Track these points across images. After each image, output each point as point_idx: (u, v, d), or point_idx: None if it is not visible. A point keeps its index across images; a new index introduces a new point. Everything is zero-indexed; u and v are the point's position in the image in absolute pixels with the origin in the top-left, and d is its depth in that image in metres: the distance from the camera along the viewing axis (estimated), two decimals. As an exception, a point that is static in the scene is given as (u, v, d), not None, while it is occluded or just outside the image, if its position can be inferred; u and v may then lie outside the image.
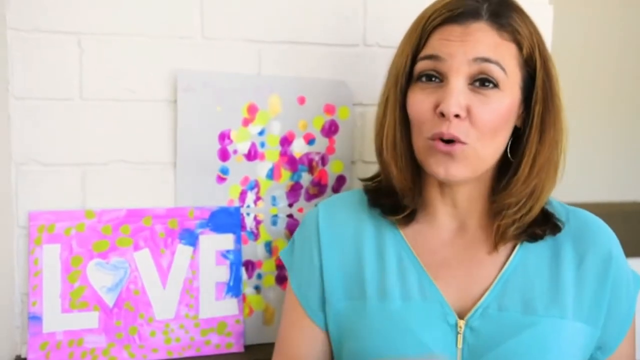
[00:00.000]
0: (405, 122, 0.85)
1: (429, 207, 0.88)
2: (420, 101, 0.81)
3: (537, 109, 0.82)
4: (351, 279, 0.87)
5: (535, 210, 0.84)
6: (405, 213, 0.87)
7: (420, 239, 0.87)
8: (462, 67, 0.78)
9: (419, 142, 0.82)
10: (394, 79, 0.85)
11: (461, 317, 0.82)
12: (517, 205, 0.83)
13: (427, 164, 0.82)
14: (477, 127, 0.79)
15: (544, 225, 0.85)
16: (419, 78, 0.82)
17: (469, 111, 0.78)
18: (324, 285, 0.88)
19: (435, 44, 0.81)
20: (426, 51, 0.81)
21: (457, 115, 0.78)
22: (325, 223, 0.90)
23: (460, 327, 0.81)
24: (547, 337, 0.79)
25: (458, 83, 0.78)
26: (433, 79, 0.81)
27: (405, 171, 0.86)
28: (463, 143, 0.79)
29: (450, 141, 0.79)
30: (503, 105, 0.80)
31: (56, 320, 0.97)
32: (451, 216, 0.88)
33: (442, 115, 0.78)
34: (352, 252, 0.88)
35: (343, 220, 0.90)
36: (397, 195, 0.87)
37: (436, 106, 0.79)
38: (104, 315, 0.99)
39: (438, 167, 0.80)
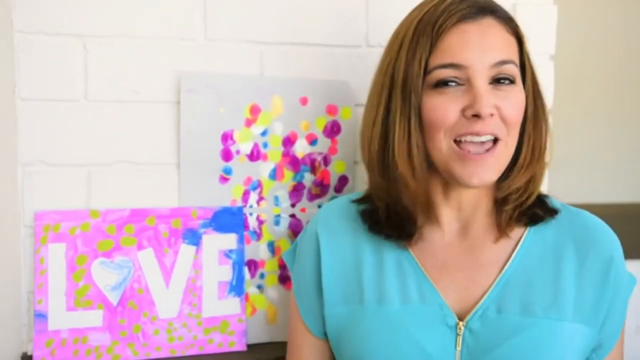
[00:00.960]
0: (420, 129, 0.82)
1: (431, 211, 0.87)
2: (443, 105, 0.79)
3: (530, 98, 0.84)
4: (350, 284, 0.86)
5: (534, 196, 0.86)
6: (415, 235, 0.85)
7: (421, 242, 0.87)
8: (484, 71, 0.79)
9: (442, 146, 0.80)
10: (401, 86, 0.81)
11: (461, 318, 0.81)
12: (519, 191, 0.84)
13: (453, 171, 0.80)
14: (506, 122, 0.80)
15: (542, 207, 0.87)
16: (436, 85, 0.80)
17: (497, 109, 0.80)
18: (322, 291, 0.88)
19: (452, 50, 0.79)
20: (443, 59, 0.79)
21: (490, 115, 0.79)
22: (324, 228, 0.90)
23: (460, 329, 0.81)
24: (546, 339, 0.79)
25: (483, 84, 0.79)
26: (451, 83, 0.79)
27: (423, 181, 0.83)
28: (499, 139, 0.80)
29: (482, 142, 0.79)
30: (521, 98, 0.82)
31: (61, 318, 0.98)
32: (454, 219, 0.87)
33: (474, 116, 0.78)
34: (351, 257, 0.87)
35: (343, 225, 0.90)
36: (400, 216, 0.85)
37: (464, 109, 0.79)
38: (108, 314, 1.00)
39: (471, 178, 0.79)
